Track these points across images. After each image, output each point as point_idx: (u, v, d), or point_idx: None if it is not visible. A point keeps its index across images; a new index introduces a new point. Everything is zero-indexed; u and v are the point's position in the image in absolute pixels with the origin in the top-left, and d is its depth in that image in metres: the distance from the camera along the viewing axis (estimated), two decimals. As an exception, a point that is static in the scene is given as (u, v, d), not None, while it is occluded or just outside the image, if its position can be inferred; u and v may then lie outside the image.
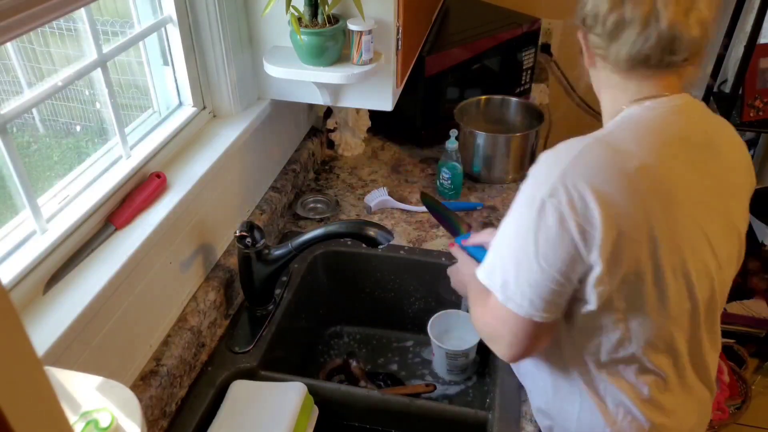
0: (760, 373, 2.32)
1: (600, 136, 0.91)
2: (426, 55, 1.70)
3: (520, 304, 0.89)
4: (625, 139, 0.91)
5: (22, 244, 0.90)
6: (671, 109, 0.93)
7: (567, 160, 0.87)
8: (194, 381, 1.16)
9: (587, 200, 0.84)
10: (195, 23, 1.24)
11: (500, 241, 0.94)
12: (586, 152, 0.88)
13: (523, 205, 0.90)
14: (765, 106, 2.25)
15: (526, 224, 0.87)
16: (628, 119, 0.93)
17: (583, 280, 0.88)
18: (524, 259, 0.88)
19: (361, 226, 1.21)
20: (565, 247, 0.85)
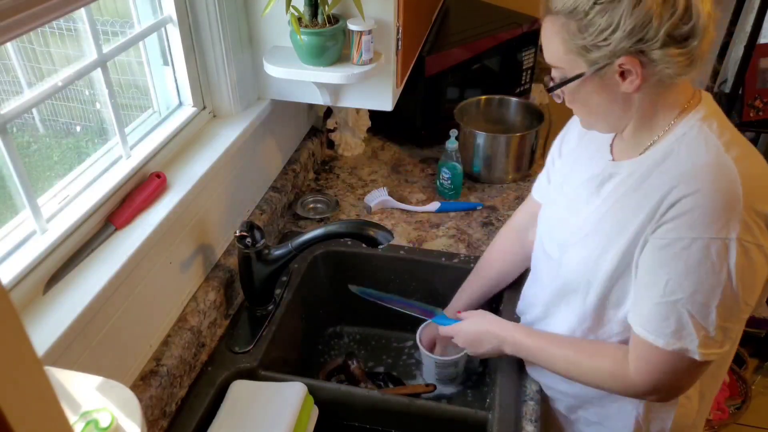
0: (760, 373, 2.32)
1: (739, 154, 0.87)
2: (426, 55, 1.70)
3: (723, 347, 0.88)
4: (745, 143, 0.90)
5: (22, 244, 0.90)
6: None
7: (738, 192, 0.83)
8: (194, 381, 1.16)
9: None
10: (195, 23, 1.24)
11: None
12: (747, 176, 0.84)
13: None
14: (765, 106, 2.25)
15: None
16: (717, 123, 0.89)
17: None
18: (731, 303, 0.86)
19: (361, 226, 1.21)
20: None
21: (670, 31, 0.81)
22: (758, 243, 0.83)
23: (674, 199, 0.85)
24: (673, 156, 0.89)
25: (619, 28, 0.82)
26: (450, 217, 1.60)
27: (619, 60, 0.84)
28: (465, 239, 1.53)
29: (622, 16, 0.81)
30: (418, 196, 1.68)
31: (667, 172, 0.88)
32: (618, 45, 0.83)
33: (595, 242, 0.97)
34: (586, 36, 0.84)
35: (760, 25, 2.08)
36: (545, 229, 1.13)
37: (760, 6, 2.07)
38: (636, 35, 0.82)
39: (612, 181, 0.97)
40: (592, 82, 0.88)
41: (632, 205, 0.91)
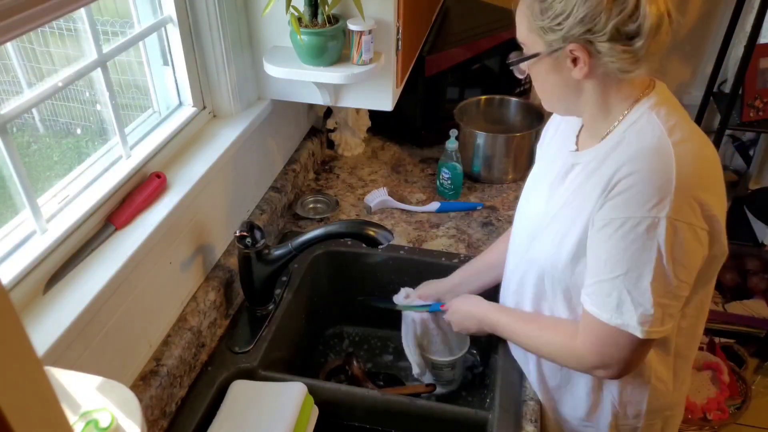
0: (760, 373, 2.32)
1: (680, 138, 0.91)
2: (426, 55, 1.70)
3: (663, 325, 0.92)
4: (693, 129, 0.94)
5: (22, 244, 0.90)
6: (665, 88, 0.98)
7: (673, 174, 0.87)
8: (194, 381, 1.16)
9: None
10: (195, 23, 1.24)
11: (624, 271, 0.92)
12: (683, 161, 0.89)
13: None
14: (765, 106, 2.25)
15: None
16: (666, 110, 0.94)
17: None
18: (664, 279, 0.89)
19: (361, 226, 1.21)
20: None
21: (617, 26, 0.86)
22: (689, 221, 0.87)
23: (616, 180, 0.90)
24: (624, 142, 0.93)
25: (572, 14, 0.87)
26: (450, 217, 1.60)
27: (570, 45, 0.90)
28: (465, 239, 1.53)
29: (576, 5, 0.87)
30: (418, 196, 1.68)
31: (617, 158, 0.92)
32: (569, 31, 0.88)
33: (556, 230, 1.01)
34: (544, 18, 0.90)
35: (760, 25, 2.08)
36: (518, 219, 1.17)
37: (760, 6, 2.06)
38: (586, 24, 0.87)
39: (574, 170, 1.02)
40: (547, 62, 0.94)
41: (586, 192, 0.96)
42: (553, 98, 1.03)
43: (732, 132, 2.61)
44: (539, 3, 0.91)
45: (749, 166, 2.70)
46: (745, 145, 2.69)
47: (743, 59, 2.14)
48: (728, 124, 2.26)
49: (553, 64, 0.94)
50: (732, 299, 2.39)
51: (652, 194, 0.87)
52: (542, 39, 0.93)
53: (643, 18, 0.85)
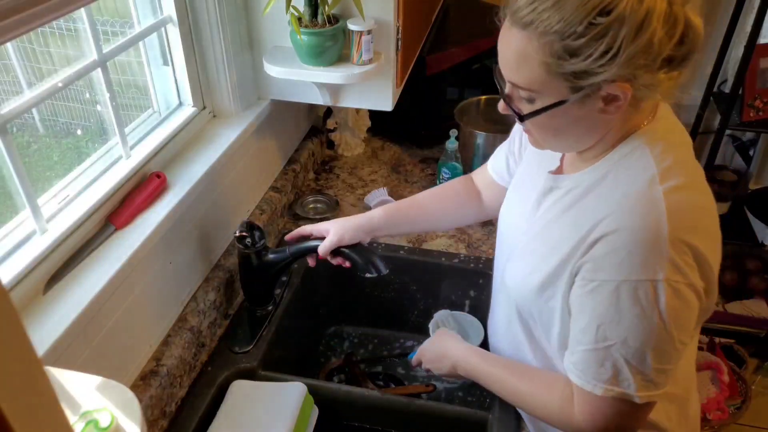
0: (760, 373, 2.32)
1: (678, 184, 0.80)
2: (426, 55, 1.70)
3: (663, 387, 0.84)
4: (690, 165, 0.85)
5: (22, 244, 0.90)
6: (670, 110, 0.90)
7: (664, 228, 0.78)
8: (194, 381, 1.16)
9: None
10: (195, 23, 1.24)
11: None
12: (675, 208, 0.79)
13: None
14: (765, 106, 2.25)
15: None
16: (663, 146, 0.83)
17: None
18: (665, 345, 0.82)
19: (359, 251, 1.18)
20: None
21: (670, 54, 0.74)
22: (688, 281, 0.78)
23: (600, 233, 0.80)
24: (610, 179, 0.83)
25: (620, 54, 0.71)
26: (450, 217, 1.60)
27: (608, 87, 0.75)
28: (465, 239, 1.52)
29: (623, 41, 0.71)
30: (418, 196, 1.68)
31: (600, 198, 0.83)
32: (615, 71, 0.73)
33: (526, 260, 0.94)
34: (576, 61, 0.73)
35: (760, 25, 2.08)
36: (500, 226, 1.09)
37: (760, 6, 2.07)
38: (637, 61, 0.72)
39: (551, 195, 0.92)
40: (571, 108, 0.79)
41: (564, 226, 0.87)
42: (563, 143, 0.88)
43: (732, 132, 2.61)
44: (563, 42, 0.73)
45: (749, 166, 2.70)
46: (745, 145, 2.69)
47: (743, 59, 2.14)
48: (728, 124, 2.26)
49: (579, 108, 0.78)
50: (732, 299, 2.39)
51: (646, 255, 0.77)
52: (568, 83, 0.76)
53: (694, 37, 0.74)
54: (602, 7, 0.71)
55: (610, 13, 0.70)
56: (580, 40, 0.72)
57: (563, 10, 0.72)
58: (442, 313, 1.39)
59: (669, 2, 0.72)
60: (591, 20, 0.71)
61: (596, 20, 0.71)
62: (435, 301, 1.50)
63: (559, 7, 0.72)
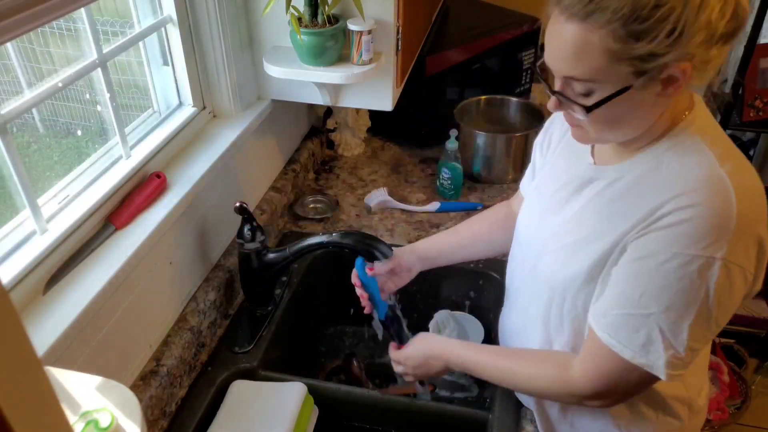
0: (760, 373, 2.32)
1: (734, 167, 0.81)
2: (426, 55, 1.70)
3: (685, 368, 0.84)
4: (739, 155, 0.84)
5: (22, 244, 0.90)
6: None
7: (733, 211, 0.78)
8: (194, 381, 1.16)
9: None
10: (195, 23, 1.24)
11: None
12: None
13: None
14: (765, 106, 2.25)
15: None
16: (711, 135, 0.84)
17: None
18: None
19: (361, 240, 1.18)
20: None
21: (722, 30, 0.74)
22: (741, 265, 0.79)
23: (667, 210, 0.80)
24: (665, 166, 0.83)
25: (685, 32, 0.71)
26: (450, 217, 1.60)
27: (672, 68, 0.74)
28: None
29: (687, 20, 0.71)
30: (418, 196, 1.68)
31: (661, 183, 0.82)
32: (682, 51, 0.72)
33: (570, 248, 0.92)
34: (642, 44, 0.72)
35: (760, 25, 2.08)
36: (523, 234, 1.07)
37: (760, 6, 2.06)
38: (698, 39, 0.72)
39: (593, 185, 0.91)
40: (634, 94, 0.78)
41: (616, 213, 0.86)
42: (622, 131, 0.85)
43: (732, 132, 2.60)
44: (630, 26, 0.72)
45: (749, 166, 2.70)
46: (745, 145, 2.69)
47: (743, 59, 2.14)
48: (728, 124, 2.26)
49: (640, 94, 0.78)
50: (732, 299, 2.39)
51: (710, 232, 0.77)
52: (632, 68, 0.75)
53: (742, 12, 0.75)
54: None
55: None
56: (646, 22, 0.72)
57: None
58: (442, 313, 1.39)
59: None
60: (656, 2, 0.71)
61: (660, 1, 0.71)
62: (435, 301, 1.50)
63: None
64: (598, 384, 0.88)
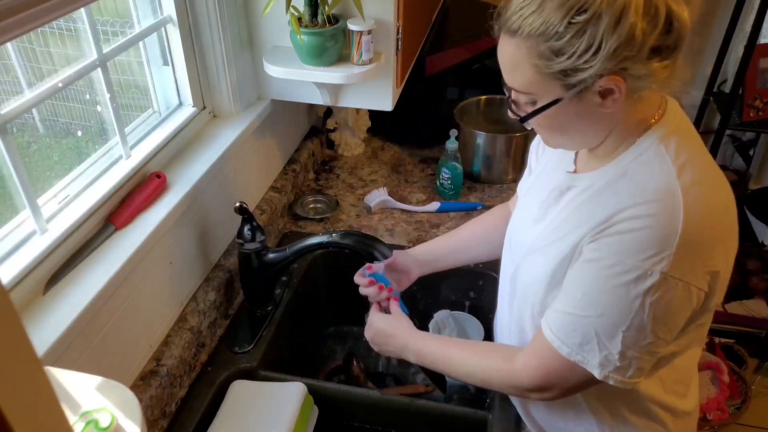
0: (760, 373, 2.32)
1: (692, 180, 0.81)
2: (426, 55, 1.70)
3: (627, 375, 0.85)
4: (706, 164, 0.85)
5: (22, 244, 0.90)
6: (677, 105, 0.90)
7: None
8: (194, 381, 1.16)
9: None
10: (195, 23, 1.24)
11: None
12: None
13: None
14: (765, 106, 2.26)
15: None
16: (677, 142, 0.84)
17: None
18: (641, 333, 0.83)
19: (360, 241, 1.18)
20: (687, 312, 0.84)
21: (653, 44, 0.75)
22: (685, 279, 0.79)
23: (621, 218, 0.82)
24: (628, 177, 0.85)
25: (602, 48, 0.74)
26: (450, 217, 1.60)
27: (600, 81, 0.77)
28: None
29: (604, 35, 0.74)
30: (418, 196, 1.68)
31: (619, 193, 0.84)
32: (602, 66, 0.75)
33: (539, 253, 0.95)
34: (562, 59, 0.77)
35: (760, 25, 2.08)
36: (510, 235, 1.10)
37: (760, 6, 2.07)
38: (620, 54, 0.75)
39: (569, 193, 0.94)
40: (569, 105, 0.82)
41: (578, 218, 0.88)
42: (570, 139, 0.91)
43: (732, 132, 2.61)
44: (547, 43, 0.76)
45: (749, 166, 2.70)
46: (745, 145, 2.69)
47: (743, 59, 2.14)
48: (728, 124, 2.26)
49: (577, 105, 0.81)
50: (732, 299, 2.39)
51: (651, 245, 0.78)
52: (560, 82, 0.79)
53: (679, 27, 0.76)
54: (579, 6, 0.74)
55: (587, 11, 0.74)
56: (562, 39, 0.76)
57: (544, 12, 0.76)
58: (442, 313, 1.39)
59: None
60: (570, 20, 0.75)
61: (575, 19, 0.75)
62: (435, 301, 1.50)
63: (541, 11, 0.76)
64: (538, 377, 0.91)
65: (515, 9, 0.80)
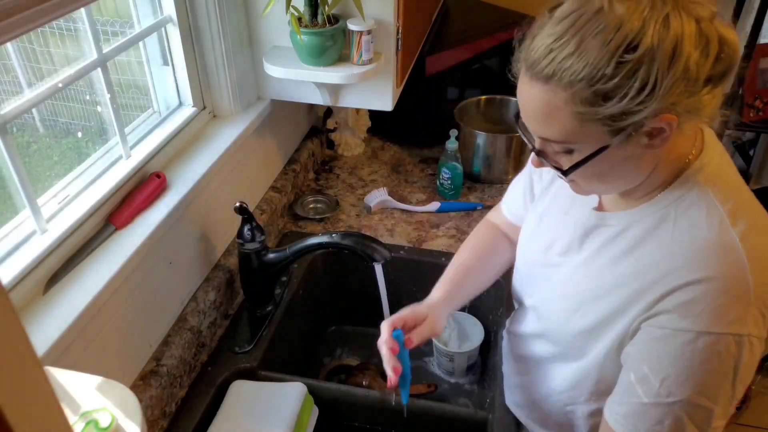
0: (760, 373, 2.32)
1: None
2: (426, 55, 1.70)
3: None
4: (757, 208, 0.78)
5: (22, 244, 0.90)
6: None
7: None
8: (194, 381, 1.16)
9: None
10: (195, 23, 1.24)
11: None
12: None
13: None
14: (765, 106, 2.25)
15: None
16: (721, 184, 0.77)
17: None
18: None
19: (359, 241, 1.18)
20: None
21: (707, 74, 0.68)
22: (761, 335, 0.73)
23: (674, 285, 0.74)
24: (670, 223, 0.77)
25: (657, 86, 0.65)
26: (450, 217, 1.60)
27: (652, 121, 0.68)
28: (465, 239, 1.52)
29: (659, 73, 0.65)
30: (418, 196, 1.68)
31: (664, 244, 0.77)
32: (658, 105, 0.66)
33: (572, 300, 0.88)
34: (612, 104, 0.67)
35: (760, 25, 2.08)
36: (529, 265, 1.01)
37: (760, 6, 2.07)
38: (676, 89, 0.66)
39: (598, 233, 0.86)
40: (615, 151, 0.72)
41: (621, 271, 0.81)
42: (612, 185, 0.80)
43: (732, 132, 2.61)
44: (593, 87, 0.67)
45: (749, 166, 2.70)
46: (745, 145, 2.69)
47: (743, 59, 2.14)
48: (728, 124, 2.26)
49: (623, 150, 0.72)
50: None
51: (730, 307, 0.71)
52: (607, 128, 0.69)
53: (730, 50, 0.68)
54: (628, 43, 0.65)
55: (638, 47, 0.65)
56: (611, 81, 0.66)
57: (586, 54, 0.67)
58: None
59: (697, 21, 0.66)
60: (619, 59, 0.66)
61: (624, 57, 0.65)
62: (435, 301, 1.50)
63: (582, 52, 0.67)
64: None
65: (544, 52, 0.69)
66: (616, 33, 0.65)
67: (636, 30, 0.65)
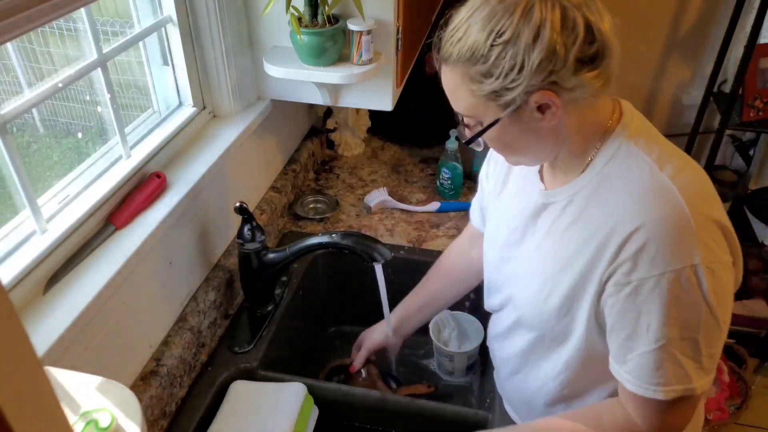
0: (760, 373, 2.32)
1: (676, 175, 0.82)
2: (426, 55, 1.70)
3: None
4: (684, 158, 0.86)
5: (22, 244, 0.90)
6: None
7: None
8: (194, 381, 1.16)
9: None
10: (195, 23, 1.24)
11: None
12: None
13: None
14: (765, 106, 2.25)
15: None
16: (644, 139, 0.85)
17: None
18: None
19: (360, 241, 1.19)
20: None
21: (577, 56, 0.77)
22: (720, 259, 0.80)
23: (622, 237, 0.80)
24: (606, 183, 0.85)
25: (525, 65, 0.77)
26: (450, 217, 1.60)
27: (533, 97, 0.79)
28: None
29: (525, 53, 0.76)
30: (418, 196, 1.68)
31: (605, 204, 0.84)
32: (529, 83, 0.78)
33: (539, 282, 0.93)
34: (491, 81, 0.79)
35: (760, 25, 2.08)
36: (489, 264, 1.08)
37: (760, 6, 2.06)
38: (545, 68, 0.77)
39: (547, 211, 0.93)
40: (511, 124, 0.83)
41: (573, 240, 0.87)
42: (525, 154, 0.91)
43: (732, 132, 2.61)
44: (475, 66, 0.80)
45: (749, 166, 2.70)
46: (745, 145, 2.69)
47: (743, 59, 2.14)
48: (728, 124, 2.26)
49: (519, 123, 0.83)
50: (732, 299, 2.39)
51: (678, 242, 0.78)
52: (495, 103, 0.81)
53: (600, 35, 0.77)
54: (497, 30, 0.77)
55: (504, 33, 0.77)
56: (488, 62, 0.79)
57: (470, 38, 0.79)
58: (443, 313, 1.39)
59: (562, 10, 0.76)
60: (492, 42, 0.78)
61: (496, 41, 0.78)
62: (435, 301, 1.50)
63: (466, 38, 0.80)
64: (664, 426, 0.87)
65: (447, 37, 0.83)
66: (491, 22, 0.78)
67: (505, 19, 0.77)
